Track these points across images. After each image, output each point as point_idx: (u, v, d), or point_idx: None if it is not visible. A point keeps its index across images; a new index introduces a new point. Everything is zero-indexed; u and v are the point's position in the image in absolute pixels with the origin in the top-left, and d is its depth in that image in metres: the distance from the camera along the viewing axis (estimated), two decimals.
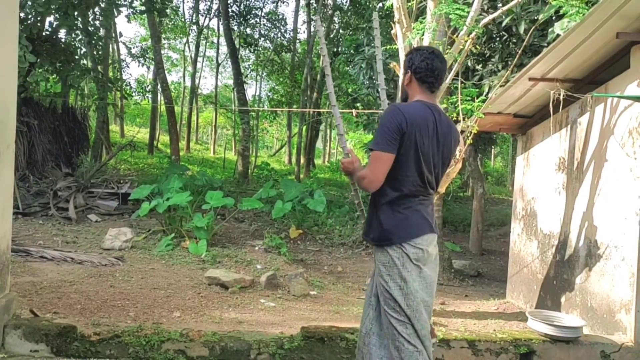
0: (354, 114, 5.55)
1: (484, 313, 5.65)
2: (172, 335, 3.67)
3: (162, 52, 36.46)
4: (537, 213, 5.62)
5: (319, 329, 3.94)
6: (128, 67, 19.29)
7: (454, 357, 3.91)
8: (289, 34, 24.15)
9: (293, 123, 31.56)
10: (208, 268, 6.52)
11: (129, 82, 20.94)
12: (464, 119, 4.84)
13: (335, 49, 20.55)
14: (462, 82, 4.85)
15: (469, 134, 4.66)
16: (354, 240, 9.03)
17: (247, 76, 24.34)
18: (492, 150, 27.54)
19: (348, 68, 12.06)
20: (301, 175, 16.66)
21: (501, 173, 29.09)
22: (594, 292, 4.56)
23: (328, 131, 36.26)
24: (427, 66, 2.69)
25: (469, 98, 5.16)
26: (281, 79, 25.97)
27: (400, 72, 5.20)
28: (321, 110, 12.35)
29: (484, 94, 5.86)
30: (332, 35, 18.77)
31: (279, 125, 40.97)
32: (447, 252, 7.53)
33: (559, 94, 4.37)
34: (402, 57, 4.89)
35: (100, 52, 13.09)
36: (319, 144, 33.62)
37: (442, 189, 4.96)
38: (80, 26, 10.34)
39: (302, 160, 17.68)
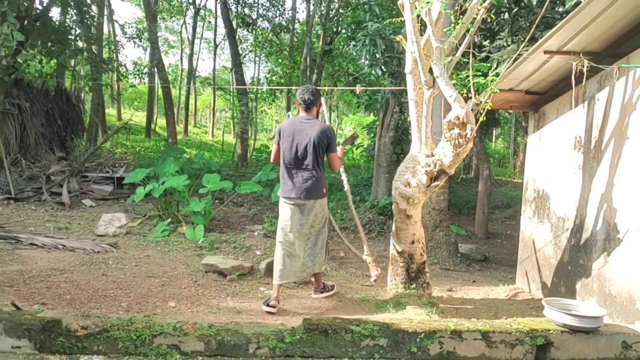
0: (357, 92, 5.21)
1: (494, 300, 5.41)
2: (164, 329, 3.41)
3: (159, 34, 35.91)
4: (550, 195, 5.34)
5: (322, 320, 3.68)
6: (123, 48, 18.87)
7: (466, 350, 3.66)
8: (288, 14, 23.66)
9: (292, 105, 31.18)
10: (205, 254, 6.27)
11: (125, 64, 20.54)
12: (475, 94, 4.54)
13: (335, 29, 20.10)
14: (472, 57, 4.53)
15: (481, 111, 4.36)
16: (354, 222, 8.76)
17: (245, 57, 23.90)
18: (494, 131, 27.23)
19: (349, 47, 11.70)
20: None
21: (502, 155, 28.78)
22: (613, 279, 4.30)
23: (327, 113, 35.82)
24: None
25: (480, 73, 4.84)
26: (280, 60, 25.51)
27: (407, 45, 4.89)
28: (321, 88, 11.96)
29: (493, 69, 5.54)
30: (331, 14, 18.32)
31: (278, 108, 40.53)
32: (452, 236, 7.26)
33: (582, 66, 4.06)
34: (409, 29, 4.57)
35: (93, 32, 12.69)
36: None
37: (451, 170, 4.67)
38: (72, 3, 9.96)
39: None
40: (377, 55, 7.07)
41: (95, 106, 12.71)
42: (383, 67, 7.29)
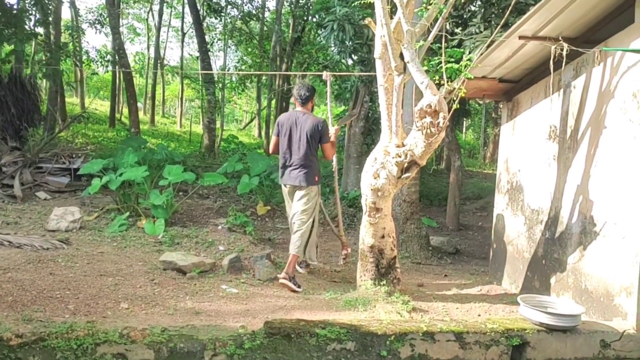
0: (324, 76, 4.92)
1: (466, 295, 5.22)
2: (109, 337, 3.09)
3: (125, 21, 34.90)
4: (524, 186, 5.16)
5: (285, 323, 3.41)
6: (84, 34, 18.07)
7: (439, 352, 3.45)
8: (258, 1, 23.18)
9: (263, 95, 30.74)
10: (165, 250, 5.92)
11: (87, 51, 19.78)
12: (448, 81, 4.31)
13: (305, 17, 19.74)
14: (444, 41, 4.29)
15: (454, 98, 4.12)
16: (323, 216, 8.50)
17: (213, 45, 23.31)
18: (464, 123, 27.28)
19: (319, 35, 11.40)
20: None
21: (473, 146, 28.91)
22: (589, 274, 4.14)
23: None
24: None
25: (452, 60, 4.61)
26: (249, 49, 25.03)
27: (377, 28, 4.62)
28: (289, 73, 11.64)
29: (466, 56, 5.32)
30: (301, 2, 17.95)
31: (248, 98, 39.97)
32: (424, 229, 7.07)
33: (561, 50, 3.85)
34: (378, 11, 4.30)
35: (51, 17, 12.06)
36: None
37: (422, 161, 4.44)
38: None
39: (271, 133, 17.00)
40: (346, 42, 6.78)
41: (53, 94, 12.10)
42: (352, 55, 7.01)
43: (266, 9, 24.09)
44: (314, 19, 10.16)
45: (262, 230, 7.66)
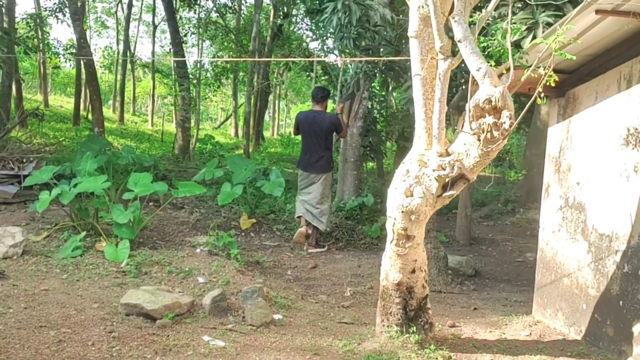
0: (339, 63, 3.72)
1: (514, 342, 4.13)
2: None
3: (93, 15, 33.13)
4: (587, 205, 4.09)
5: None
6: (46, 24, 16.50)
7: None
8: None
9: (239, 92, 29.39)
10: (128, 284, 4.70)
11: (49, 43, 18.18)
12: (496, 65, 3.23)
13: (285, 9, 18.55)
14: (502, 17, 3.22)
15: (540, 88, 3.02)
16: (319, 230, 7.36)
17: (186, 35, 21.87)
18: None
19: (307, 23, 10.25)
20: (250, 149, 14.74)
21: None
22: None
23: (276, 102, 34.28)
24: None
25: (499, 43, 3.52)
26: (225, 44, 23.69)
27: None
28: (291, 59, 10.42)
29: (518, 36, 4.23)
30: None
31: (223, 96, 38.54)
32: (442, 248, 5.97)
33: None
34: None
35: (3, 2, 10.67)
36: (266, 116, 31.54)
37: (473, 175, 3.33)
38: None
39: (250, 133, 15.73)
40: (352, 26, 5.64)
41: (6, 89, 10.68)
42: (356, 42, 5.89)
43: (243, 1, 22.78)
44: (302, 6, 9.09)
45: (248, 250, 6.46)
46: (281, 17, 18.48)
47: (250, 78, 13.96)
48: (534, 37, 4.56)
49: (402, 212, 3.53)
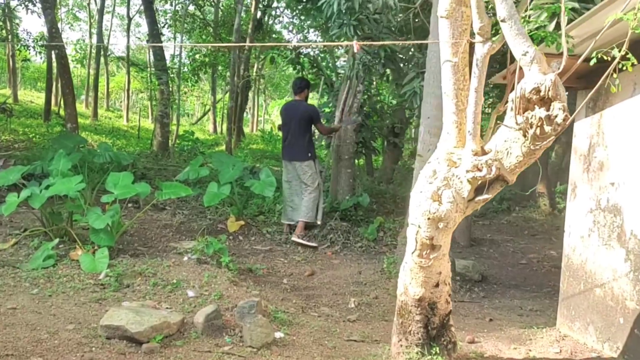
0: (355, 48, 3.23)
1: None
2: None
3: (65, 9, 31.99)
4: (624, 208, 3.70)
5: None
6: (15, 15, 15.60)
7: None
8: None
9: (218, 87, 28.67)
10: (109, 299, 4.16)
11: (18, 34, 17.27)
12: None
13: (264, 2, 17.95)
14: None
15: (614, 73, 2.59)
16: (314, 232, 6.89)
17: (164, 27, 21.13)
18: None
19: (298, 11, 9.74)
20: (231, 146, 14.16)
21: None
22: None
23: (256, 97, 33.63)
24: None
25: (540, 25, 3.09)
26: (203, 37, 22.96)
27: None
28: (296, 44, 9.80)
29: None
30: None
31: (200, 91, 37.70)
32: (450, 253, 5.53)
33: None
34: None
35: None
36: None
37: (512, 177, 2.90)
38: None
39: (232, 129, 15.12)
40: (356, 7, 5.15)
41: None
42: (357, 31, 5.42)
43: None
44: None
45: (238, 256, 5.95)
46: (262, 9, 17.88)
47: (232, 72, 13.38)
48: (557, 25, 4.15)
49: (429, 219, 3.08)
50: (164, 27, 16.14)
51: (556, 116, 2.55)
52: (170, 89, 13.65)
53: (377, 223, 7.20)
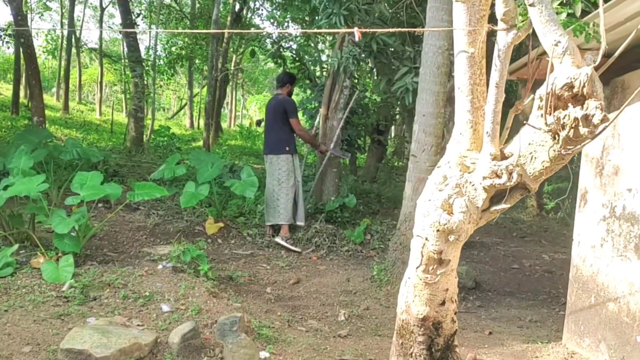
0: (356, 35, 2.84)
1: None
2: None
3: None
4: None
5: None
6: None
7: None
8: None
9: (195, 81, 28.03)
10: (72, 315, 3.72)
11: None
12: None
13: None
14: None
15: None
16: (298, 236, 6.50)
17: (138, 17, 20.45)
18: None
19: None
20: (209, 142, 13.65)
21: None
22: None
23: (234, 92, 33.05)
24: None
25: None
26: (180, 28, 22.33)
27: None
28: (304, 31, 9.32)
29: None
30: None
31: (177, 85, 36.93)
32: None
33: None
34: None
35: None
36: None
37: (535, 185, 2.56)
38: None
39: (210, 124, 14.60)
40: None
41: None
42: (347, 21, 5.04)
43: None
44: None
45: (217, 262, 5.54)
46: (241, 1, 17.38)
47: (210, 65, 12.88)
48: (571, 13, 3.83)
49: (438, 230, 2.72)
50: (138, 17, 15.51)
51: (593, 116, 2.21)
52: (145, 82, 13.11)
53: (363, 225, 6.85)
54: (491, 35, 2.58)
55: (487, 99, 2.52)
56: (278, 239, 6.26)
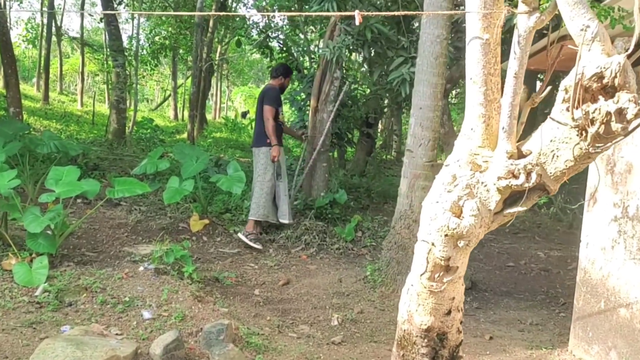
0: (357, 20, 2.58)
1: None
2: None
3: None
4: None
5: None
6: None
7: None
8: None
9: (179, 72, 27.55)
10: (45, 324, 3.43)
11: None
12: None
13: None
14: None
15: None
16: (286, 233, 6.24)
17: (119, 4, 19.91)
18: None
19: None
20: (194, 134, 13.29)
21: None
22: None
23: (218, 83, 32.57)
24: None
25: None
26: (164, 19, 21.83)
27: None
28: (308, 14, 8.93)
29: None
30: None
31: (161, 75, 36.32)
32: None
33: None
34: None
35: None
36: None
37: (555, 186, 2.33)
38: None
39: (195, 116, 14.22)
40: None
41: None
42: (339, 6, 4.77)
43: None
44: None
45: (202, 261, 5.27)
46: None
47: (195, 55, 12.52)
48: None
49: (446, 235, 2.48)
50: (119, 4, 15.03)
51: (626, 109, 1.98)
52: (128, 72, 12.70)
53: (354, 222, 6.61)
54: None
55: (504, 91, 2.27)
56: (240, 234, 5.94)
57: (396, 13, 2.28)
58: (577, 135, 2.11)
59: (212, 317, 3.68)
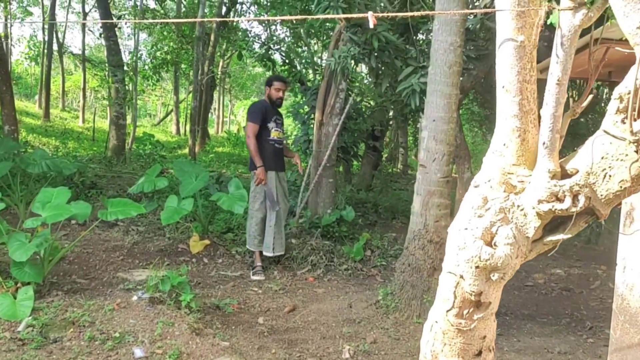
0: (371, 23, 2.29)
1: None
2: None
3: (14, 5, 30.16)
4: None
5: None
6: None
7: None
8: None
9: (181, 86, 27.40)
10: None
11: None
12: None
13: None
14: None
15: None
16: (291, 254, 5.91)
17: (120, 18, 19.80)
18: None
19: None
20: (196, 149, 13.00)
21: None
22: None
23: (221, 97, 32.43)
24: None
25: None
26: (165, 33, 21.71)
27: None
28: (314, 17, 8.67)
29: None
30: None
31: (163, 90, 36.25)
32: None
33: None
34: None
35: None
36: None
37: (607, 210, 2.01)
38: None
39: (196, 130, 13.95)
40: None
41: None
42: (345, 13, 4.49)
43: None
44: None
45: (202, 286, 4.94)
46: (227, 4, 16.85)
47: (196, 69, 12.28)
48: None
49: (477, 267, 2.15)
50: (119, 18, 14.86)
51: None
52: (128, 87, 12.47)
53: (363, 240, 6.28)
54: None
55: (544, 100, 1.95)
56: (251, 274, 5.47)
57: (412, 14, 2.00)
58: (636, 151, 1.78)
59: (211, 354, 3.34)
